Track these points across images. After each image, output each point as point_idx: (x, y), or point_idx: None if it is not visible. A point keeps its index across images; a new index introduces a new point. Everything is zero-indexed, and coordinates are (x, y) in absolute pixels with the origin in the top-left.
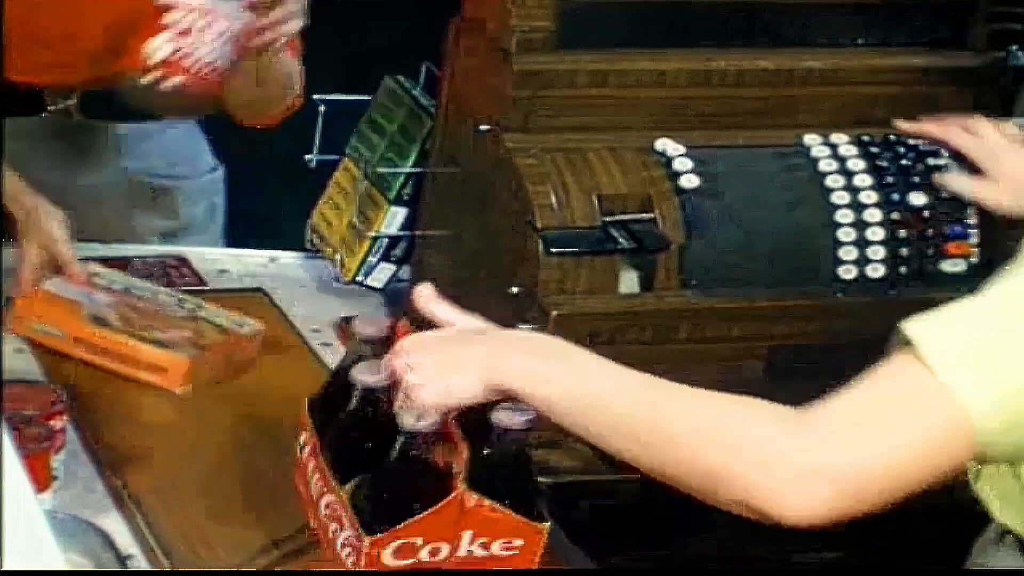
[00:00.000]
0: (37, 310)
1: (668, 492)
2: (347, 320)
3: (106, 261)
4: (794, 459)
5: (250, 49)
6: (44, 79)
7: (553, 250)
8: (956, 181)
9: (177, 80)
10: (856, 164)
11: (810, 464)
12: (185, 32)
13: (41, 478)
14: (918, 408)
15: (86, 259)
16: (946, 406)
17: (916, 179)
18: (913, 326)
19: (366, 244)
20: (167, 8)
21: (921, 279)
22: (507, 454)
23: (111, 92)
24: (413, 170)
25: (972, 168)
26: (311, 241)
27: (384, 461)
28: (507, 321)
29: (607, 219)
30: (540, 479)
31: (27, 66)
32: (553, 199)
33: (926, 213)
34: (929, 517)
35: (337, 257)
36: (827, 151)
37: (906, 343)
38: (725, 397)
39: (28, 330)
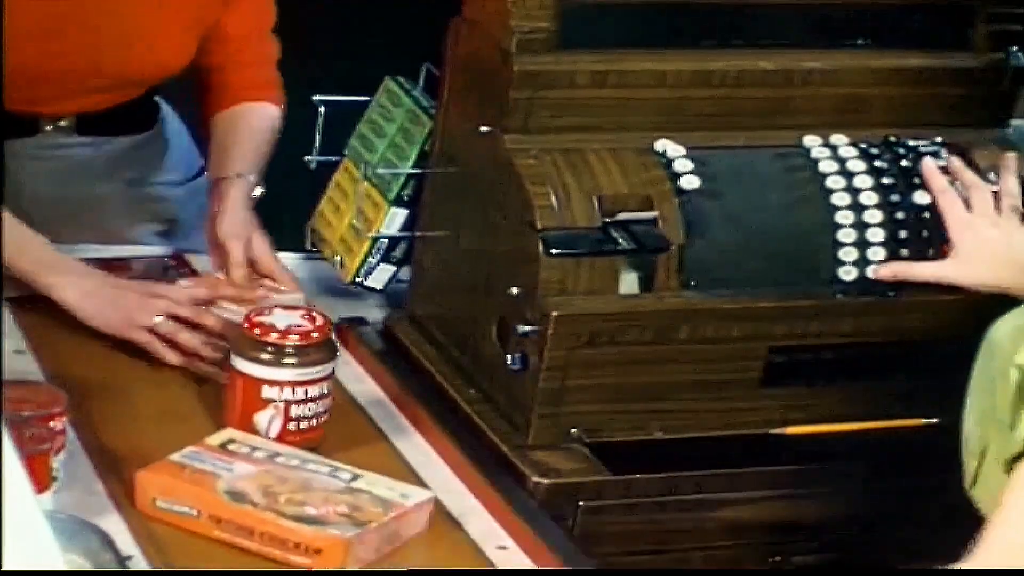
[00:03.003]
0: (162, 485)
1: (666, 493)
2: (347, 321)
3: (105, 262)
4: None
5: None
6: (39, 109)
7: (553, 251)
8: (913, 269)
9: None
10: (856, 165)
11: None
12: (287, 406)
13: (41, 479)
14: None
15: (86, 260)
16: None
17: (916, 180)
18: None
19: (366, 245)
20: (261, 383)
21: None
22: None
23: (105, 113)
24: (413, 171)
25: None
26: (311, 242)
27: None
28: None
29: (607, 220)
30: (540, 479)
31: (21, 98)
32: (553, 200)
33: (926, 214)
34: (931, 518)
35: (337, 258)
36: (827, 152)
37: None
38: None
39: (150, 508)
